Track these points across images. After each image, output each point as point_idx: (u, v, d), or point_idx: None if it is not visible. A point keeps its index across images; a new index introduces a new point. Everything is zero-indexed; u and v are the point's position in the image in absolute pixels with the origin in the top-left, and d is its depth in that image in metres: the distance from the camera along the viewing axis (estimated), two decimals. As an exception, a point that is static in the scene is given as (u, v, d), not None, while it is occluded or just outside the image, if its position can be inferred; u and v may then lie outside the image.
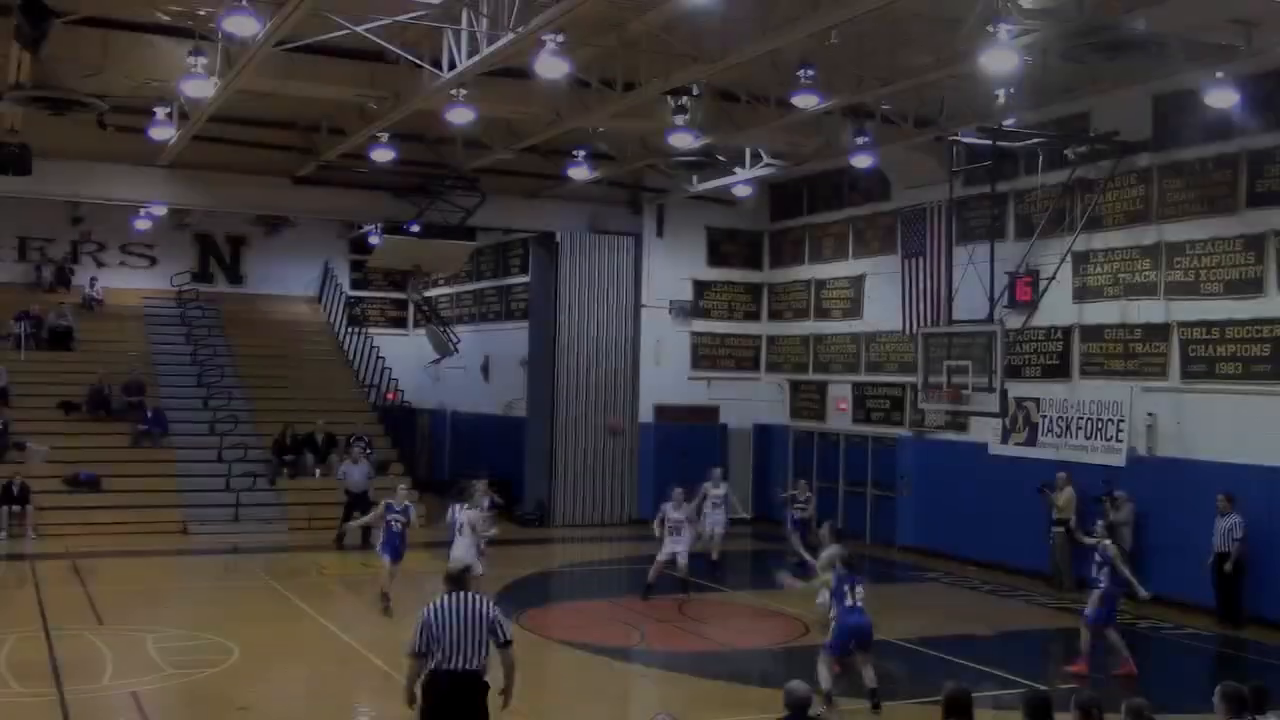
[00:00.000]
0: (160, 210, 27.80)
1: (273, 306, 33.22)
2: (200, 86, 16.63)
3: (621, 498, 26.96)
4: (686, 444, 26.81)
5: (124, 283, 32.13)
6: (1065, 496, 19.32)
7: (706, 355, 27.68)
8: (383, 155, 21.58)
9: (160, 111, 19.76)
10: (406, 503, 17.68)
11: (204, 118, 19.09)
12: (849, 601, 12.04)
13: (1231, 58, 15.06)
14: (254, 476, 25.23)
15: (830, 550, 13.76)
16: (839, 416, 25.76)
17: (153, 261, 32.71)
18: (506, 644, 8.41)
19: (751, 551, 24.51)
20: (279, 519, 24.66)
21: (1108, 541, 13.80)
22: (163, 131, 20.26)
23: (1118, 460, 19.08)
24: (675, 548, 17.71)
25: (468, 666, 8.16)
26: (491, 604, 8.49)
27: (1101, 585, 13.72)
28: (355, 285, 35.07)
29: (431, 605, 8.25)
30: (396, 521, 17.15)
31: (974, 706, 7.98)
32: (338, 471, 24.08)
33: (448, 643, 8.12)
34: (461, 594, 8.36)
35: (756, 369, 28.12)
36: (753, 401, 27.83)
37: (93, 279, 31.36)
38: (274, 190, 25.21)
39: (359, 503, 22.34)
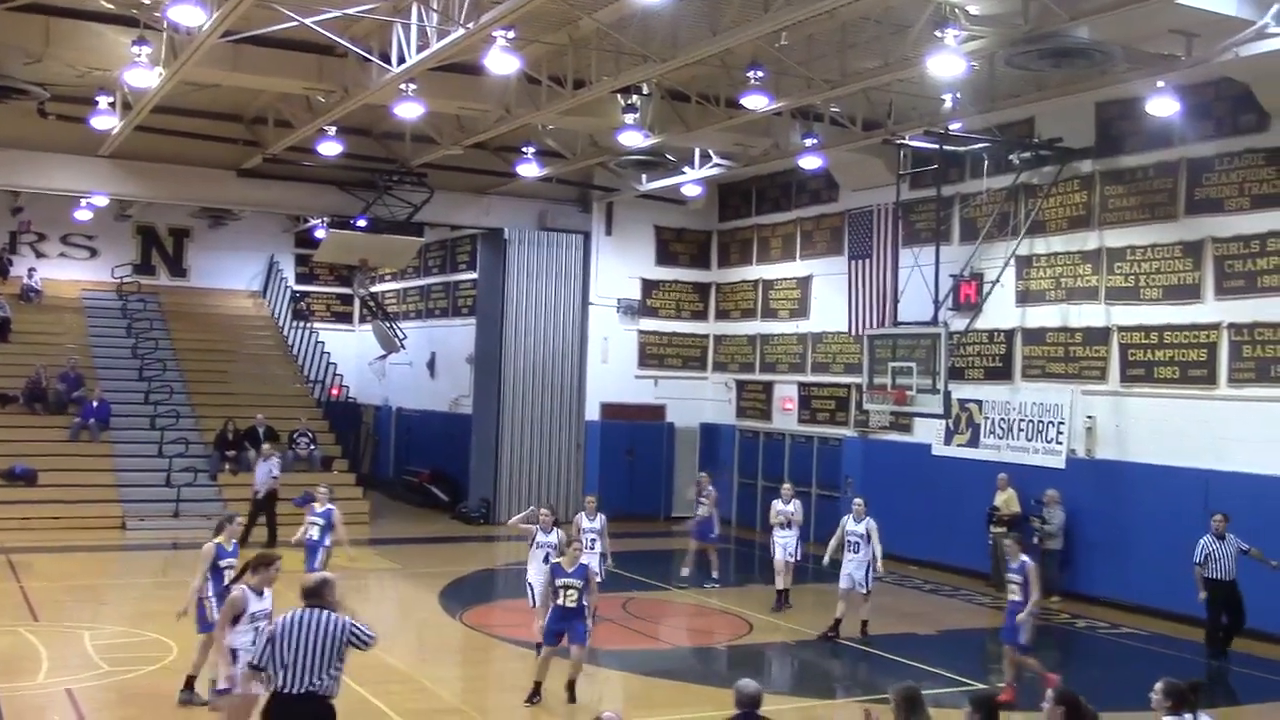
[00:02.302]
0: (101, 201, 27.39)
1: (216, 300, 32.86)
2: (144, 76, 16.40)
3: (567, 496, 26.88)
4: (632, 443, 26.88)
5: (64, 274, 31.65)
6: (1006, 497, 19.59)
7: (653, 354, 27.73)
8: (330, 149, 21.41)
9: (103, 101, 19.47)
10: (329, 506, 16.34)
11: (147, 108, 18.83)
12: None
13: (1172, 67, 15.31)
14: (195, 472, 24.92)
15: None
16: (784, 416, 25.91)
17: (93, 253, 32.25)
18: (366, 645, 7.95)
19: (694, 551, 24.55)
20: (219, 515, 24.33)
21: (1026, 558, 12.91)
22: (105, 121, 19.96)
23: (1057, 462, 19.34)
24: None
25: (310, 689, 7.64)
26: (346, 620, 7.85)
27: (1018, 602, 12.85)
28: (300, 280, 34.75)
29: (282, 620, 7.76)
30: (315, 527, 16.07)
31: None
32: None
33: (292, 662, 7.61)
34: (315, 611, 7.81)
35: (703, 368, 28.21)
36: (699, 401, 27.92)
37: (31, 270, 30.82)
38: (218, 183, 24.94)
39: (264, 504, 21.74)
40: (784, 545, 17.53)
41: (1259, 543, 15.33)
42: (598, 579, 13.51)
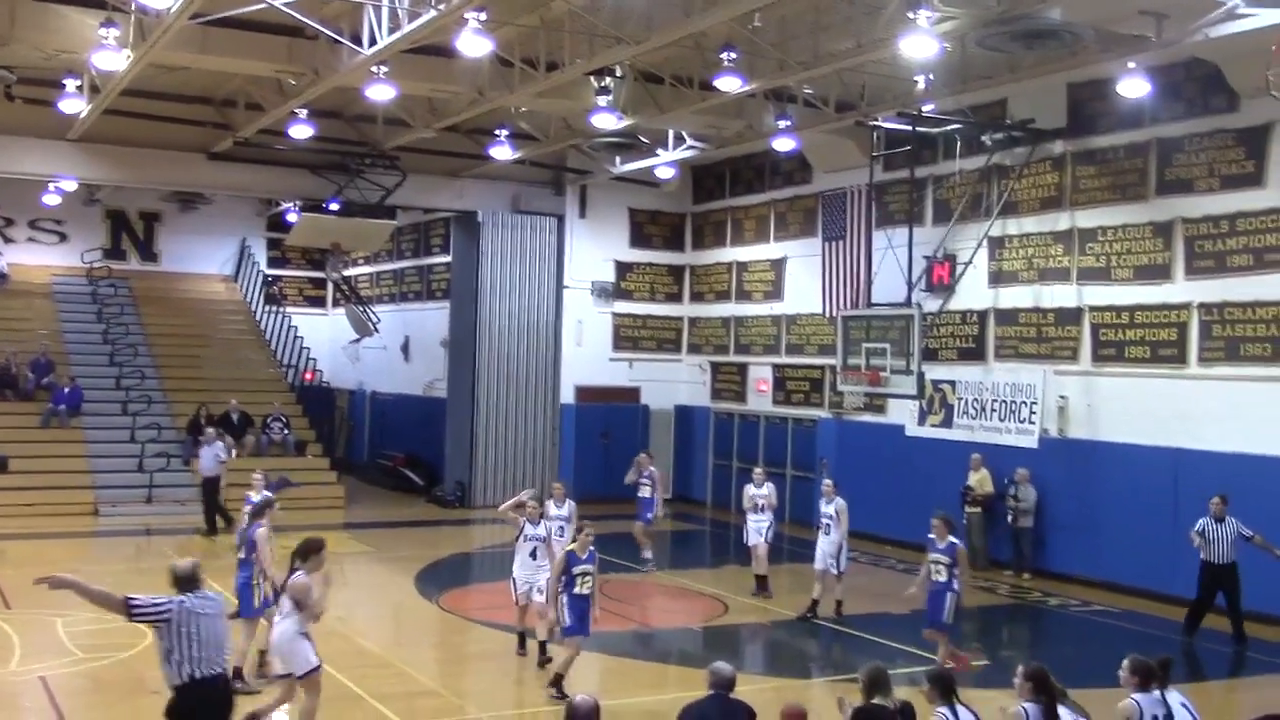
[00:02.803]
0: (70, 185, 27.11)
1: (187, 285, 32.65)
2: (112, 59, 16.24)
3: (542, 479, 26.88)
4: (607, 425, 26.90)
5: (32, 259, 31.36)
6: (980, 477, 19.72)
7: (628, 336, 27.73)
8: (301, 132, 21.27)
9: (70, 84, 19.28)
10: (265, 493, 14.93)
11: (116, 91, 18.66)
12: None
13: (1143, 48, 15.39)
14: (168, 457, 24.81)
15: None
16: (759, 398, 25.98)
17: (62, 238, 31.97)
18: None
19: (672, 532, 24.64)
20: (193, 500, 24.23)
21: (954, 539, 12.90)
22: (73, 104, 19.76)
23: (1030, 442, 19.48)
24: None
25: (218, 671, 7.97)
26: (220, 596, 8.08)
27: (943, 583, 12.84)
28: (273, 264, 34.57)
29: (177, 609, 7.89)
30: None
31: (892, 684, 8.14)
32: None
33: (200, 648, 7.81)
34: (203, 595, 8.11)
35: (678, 350, 28.24)
36: (674, 383, 27.96)
37: (-2, 255, 30.58)
38: (188, 166, 24.74)
39: (212, 489, 21.57)
40: (757, 529, 17.36)
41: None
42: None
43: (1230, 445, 16.56)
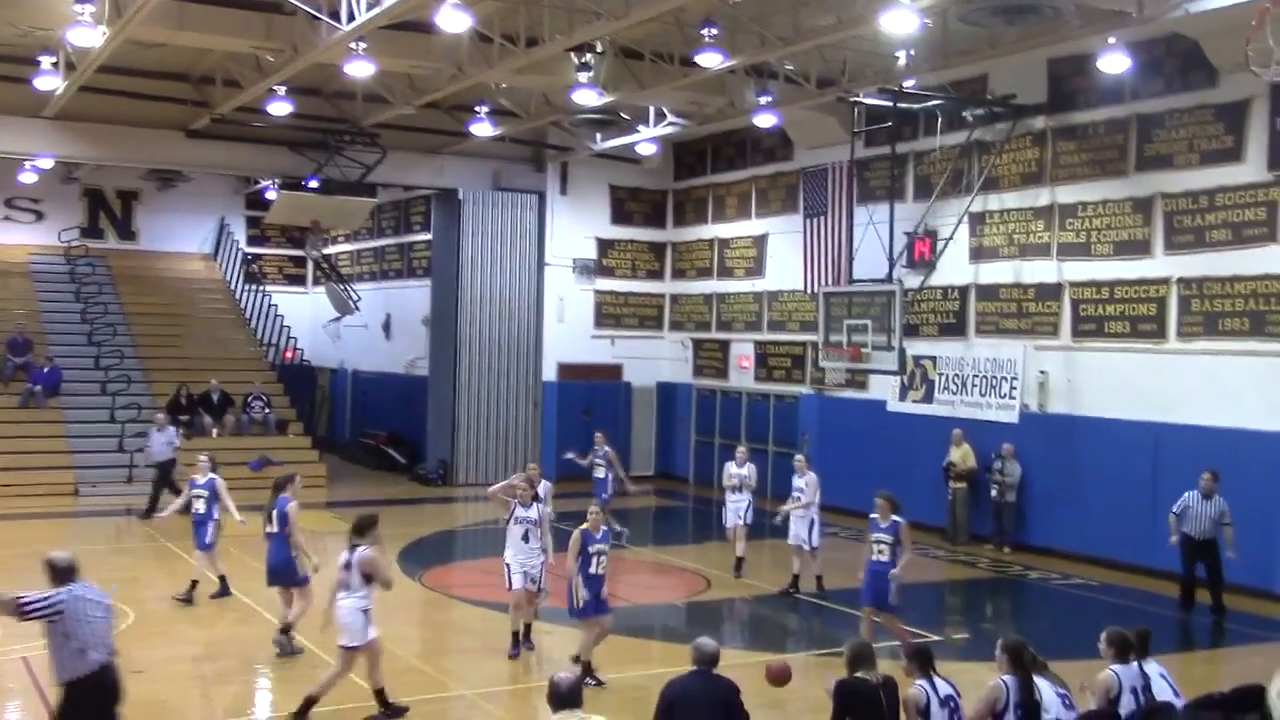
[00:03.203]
0: (47, 163, 26.89)
1: (166, 264, 32.43)
2: (87, 35, 16.09)
3: (525, 456, 26.90)
4: (590, 402, 26.91)
5: (9, 238, 31.08)
6: (962, 452, 19.82)
7: (610, 314, 27.71)
8: (280, 109, 21.13)
9: (46, 61, 19.10)
10: (211, 476, 15.11)
11: (92, 68, 18.49)
12: None
13: (1123, 24, 15.39)
14: (148, 437, 24.65)
15: None
16: (741, 374, 26.01)
17: (39, 216, 31.70)
18: None
19: (655, 508, 24.71)
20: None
21: (897, 518, 12.56)
22: (48, 82, 19.58)
23: (1011, 417, 19.57)
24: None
25: (111, 658, 8.03)
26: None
27: (885, 563, 12.46)
28: (252, 242, 34.36)
29: (68, 600, 7.87)
30: (199, 500, 14.97)
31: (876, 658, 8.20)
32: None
33: (100, 631, 7.89)
34: (86, 584, 8.10)
35: (660, 327, 28.24)
36: (656, 360, 27.97)
37: (-25, 234, 30.33)
38: (166, 144, 24.55)
39: (164, 475, 21.33)
40: (735, 509, 16.99)
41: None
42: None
43: (1209, 419, 16.67)
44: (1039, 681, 8.01)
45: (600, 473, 19.49)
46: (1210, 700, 7.97)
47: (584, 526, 11.83)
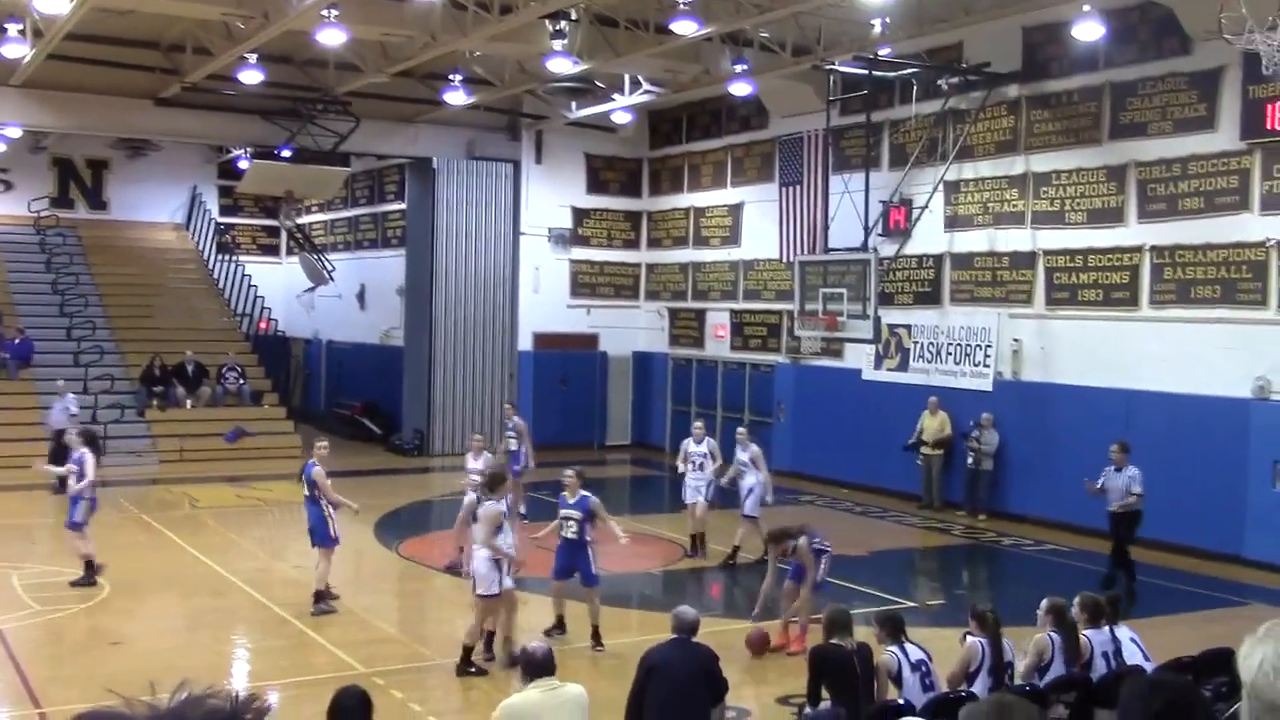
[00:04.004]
0: (14, 132, 26.56)
1: (138, 234, 32.15)
2: (55, 2, 15.90)
3: (501, 425, 26.90)
4: (566, 372, 26.91)
5: (-23, 208, 30.79)
6: (938, 420, 19.92)
7: (586, 283, 27.66)
8: (251, 77, 20.93)
9: (12, 28, 18.83)
10: (81, 451, 14.18)
11: (59, 35, 18.25)
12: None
13: (1098, -9, 15.41)
14: (122, 408, 24.57)
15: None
16: (717, 343, 26.04)
17: (8, 186, 31.34)
18: None
19: (630, 477, 24.78)
20: (149, 451, 24.11)
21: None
22: (15, 49, 19.32)
23: (985, 385, 19.68)
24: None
25: None
26: None
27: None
28: (225, 211, 34.07)
29: None
30: (73, 476, 14.13)
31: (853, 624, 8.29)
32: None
33: None
34: None
35: (636, 297, 28.22)
36: (632, 329, 27.97)
37: (-57, 204, 29.97)
38: (136, 112, 24.29)
39: (60, 445, 20.43)
40: (695, 487, 16.21)
41: (1175, 456, 15.78)
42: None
43: (1180, 386, 16.80)
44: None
45: (513, 444, 18.27)
46: (1180, 664, 8.08)
47: (563, 493, 11.94)
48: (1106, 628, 8.65)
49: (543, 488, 18.37)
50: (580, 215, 27.57)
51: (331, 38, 17.48)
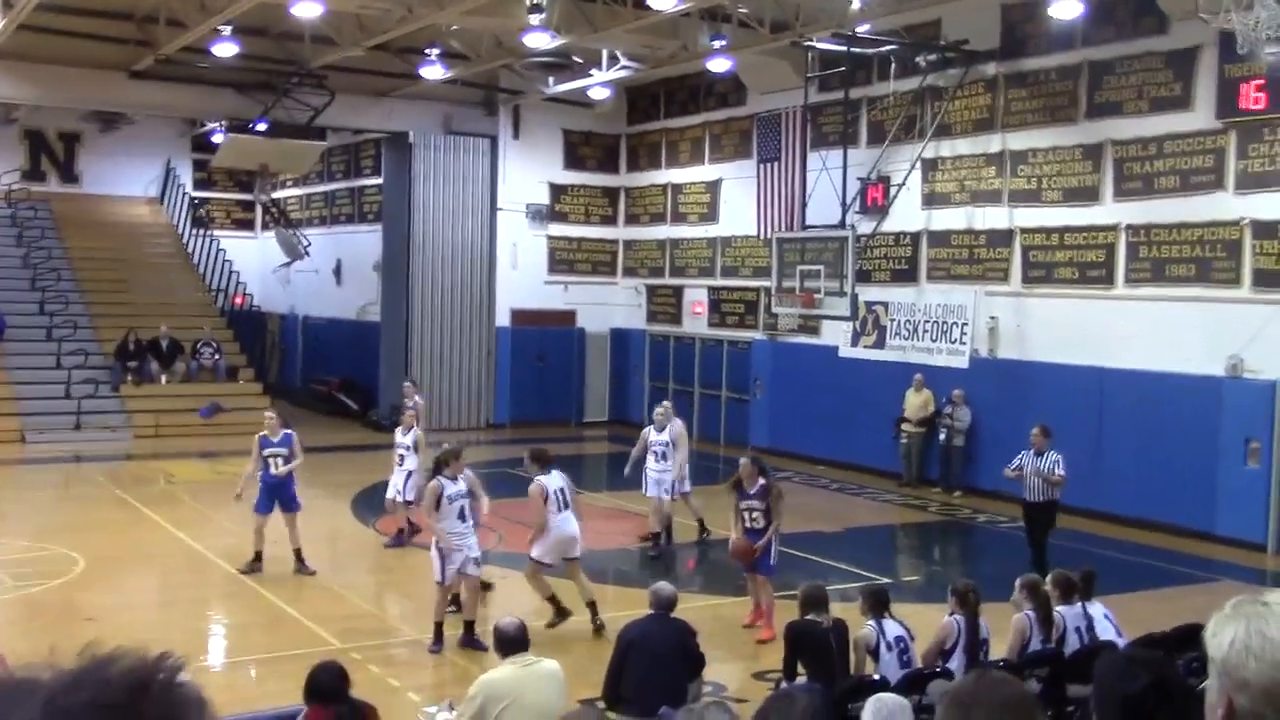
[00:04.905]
0: (-15, 104, 26.32)
1: (111, 207, 31.86)
2: (26, -28, 15.69)
3: (478, 402, 26.92)
4: (543, 349, 26.88)
5: (-53, 181, 30.45)
6: (922, 398, 19.98)
7: (563, 259, 27.60)
8: (225, 50, 20.76)
9: (-18, -2, 18.60)
10: None
11: (31, 5, 18.03)
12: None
13: (1076, -31, 15.41)
14: (95, 383, 24.42)
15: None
16: (695, 320, 26.06)
17: (-22, 159, 31.03)
18: None
19: (608, 454, 24.79)
20: (123, 426, 23.98)
21: (764, 481, 11.64)
22: (-14, 19, 19.08)
23: (961, 362, 19.77)
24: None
25: None
26: None
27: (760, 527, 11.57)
28: (199, 185, 33.80)
29: None
30: None
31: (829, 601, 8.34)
32: None
33: None
34: None
35: (613, 273, 28.18)
36: (609, 306, 27.93)
37: (-88, 177, 29.62)
38: (108, 84, 24.02)
39: None
40: (657, 479, 14.85)
41: (1148, 434, 15.89)
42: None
43: (1154, 364, 16.92)
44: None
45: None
46: (1153, 640, 8.17)
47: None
48: (1079, 604, 8.74)
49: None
50: (557, 191, 27.49)
51: (307, 10, 17.36)
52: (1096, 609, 8.85)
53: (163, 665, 1.41)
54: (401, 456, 15.26)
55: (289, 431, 13.93)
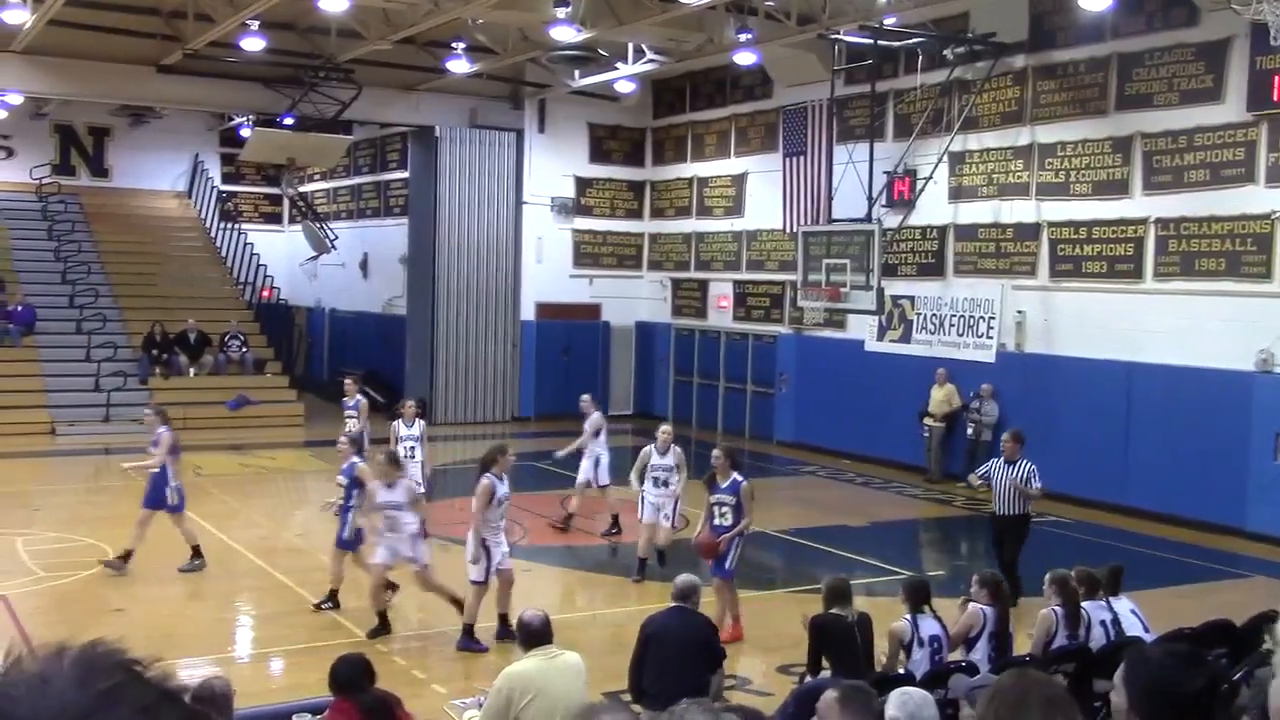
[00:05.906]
0: (15, 99, 26.47)
1: (140, 201, 32.09)
2: (55, -33, 15.79)
3: (503, 395, 26.97)
4: (568, 342, 26.90)
5: (-22, 175, 30.72)
6: (945, 392, 19.90)
7: (588, 253, 27.60)
8: (253, 44, 20.83)
9: (13, -7, 18.73)
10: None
11: (60, 1, 18.14)
12: None
13: (1105, -40, 15.28)
14: (124, 376, 24.60)
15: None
16: (720, 314, 26.01)
17: (10, 153, 31.27)
18: None
19: (632, 448, 24.75)
20: (153, 419, 24.07)
21: (738, 476, 11.11)
22: (15, 15, 19.22)
23: (988, 357, 19.67)
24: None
25: None
26: None
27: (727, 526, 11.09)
28: (227, 180, 33.97)
29: None
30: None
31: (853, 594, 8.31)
32: None
33: None
34: None
35: (638, 267, 28.16)
36: (634, 299, 27.93)
37: (-56, 171, 29.90)
38: (138, 79, 24.16)
39: None
40: (655, 504, 13.29)
41: (1177, 429, 15.76)
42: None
43: (1183, 359, 16.79)
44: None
45: (353, 425, 16.41)
46: (1181, 635, 8.10)
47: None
48: (1104, 599, 8.67)
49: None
50: (583, 185, 27.48)
51: (334, 4, 17.40)
52: (1123, 605, 8.79)
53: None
54: (411, 449, 14.91)
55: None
